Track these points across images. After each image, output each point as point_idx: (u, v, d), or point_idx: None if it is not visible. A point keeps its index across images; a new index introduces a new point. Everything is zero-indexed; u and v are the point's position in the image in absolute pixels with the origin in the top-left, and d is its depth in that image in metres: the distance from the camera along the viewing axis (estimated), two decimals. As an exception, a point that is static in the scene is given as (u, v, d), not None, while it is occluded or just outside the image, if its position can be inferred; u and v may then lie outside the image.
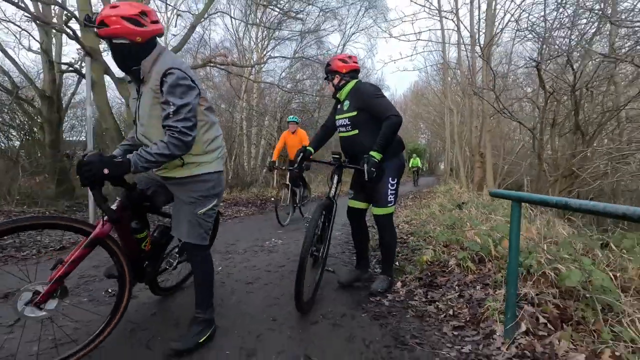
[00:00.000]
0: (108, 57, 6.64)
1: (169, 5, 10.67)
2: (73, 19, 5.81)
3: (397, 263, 3.04)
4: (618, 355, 1.45)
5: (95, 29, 1.48)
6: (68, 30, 5.77)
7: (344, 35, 17.33)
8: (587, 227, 3.51)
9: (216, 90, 16.03)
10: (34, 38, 9.44)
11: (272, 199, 7.40)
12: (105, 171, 1.42)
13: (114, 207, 1.65)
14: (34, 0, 7.49)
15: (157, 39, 1.65)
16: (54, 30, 9.89)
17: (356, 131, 2.39)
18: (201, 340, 1.71)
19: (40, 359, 1.53)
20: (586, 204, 1.36)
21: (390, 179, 2.38)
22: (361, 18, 17.26)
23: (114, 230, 1.66)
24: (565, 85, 5.39)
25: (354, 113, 2.37)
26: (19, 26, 8.03)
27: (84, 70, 8.49)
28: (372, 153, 2.18)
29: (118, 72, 7.94)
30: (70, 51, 28.97)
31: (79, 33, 6.12)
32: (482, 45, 7.16)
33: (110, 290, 2.42)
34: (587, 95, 5.32)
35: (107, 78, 7.27)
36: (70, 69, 7.08)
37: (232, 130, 13.36)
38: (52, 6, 8.88)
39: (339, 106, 2.56)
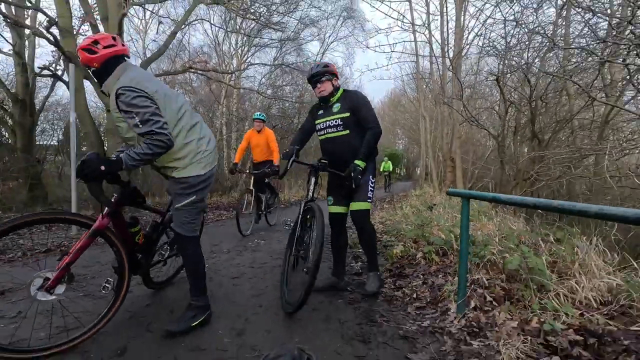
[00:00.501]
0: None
1: (151, 12, 10.65)
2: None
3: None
4: (542, 321, 1.79)
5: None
6: (48, 36, 5.79)
7: (324, 44, 17.77)
8: (543, 225, 3.95)
9: (195, 95, 16.01)
10: (7, 40, 9.20)
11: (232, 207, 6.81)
12: (102, 168, 1.67)
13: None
14: (14, 5, 7.38)
15: (126, 58, 1.90)
16: (26, 32, 9.71)
17: (347, 131, 2.50)
18: (194, 324, 1.92)
19: (52, 340, 1.70)
20: (514, 198, 1.71)
21: (371, 177, 2.53)
22: (340, 28, 17.77)
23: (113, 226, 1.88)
24: (524, 96, 5.93)
25: (347, 114, 2.49)
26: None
27: (64, 75, 8.40)
28: (357, 162, 2.35)
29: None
30: (42, 53, 27.93)
31: (59, 38, 6.15)
32: (451, 58, 7.69)
33: (106, 284, 2.57)
34: (542, 106, 5.88)
35: (86, 83, 7.27)
36: (49, 72, 6.97)
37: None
38: (26, 9, 8.77)
39: (321, 111, 2.64)
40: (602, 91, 5.75)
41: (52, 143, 15.21)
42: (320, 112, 2.66)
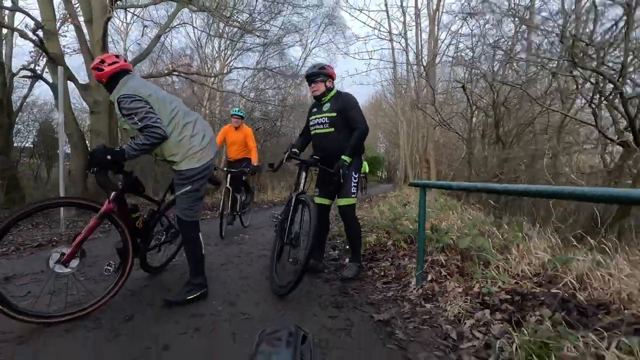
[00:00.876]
0: (70, 62, 6.74)
1: (133, 14, 10.73)
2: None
3: (347, 247, 3.69)
4: (482, 287, 2.19)
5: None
6: (34, 37, 5.89)
7: (306, 49, 18.16)
8: (513, 217, 4.42)
9: (177, 97, 16.02)
10: (-17, 40, 9.08)
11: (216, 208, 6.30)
12: (108, 157, 1.98)
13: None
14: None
15: (129, 72, 2.25)
16: (4, 32, 9.61)
17: (332, 129, 2.75)
18: (189, 297, 2.21)
19: (69, 308, 1.96)
20: (462, 184, 2.11)
21: (353, 173, 2.76)
22: (321, 34, 18.23)
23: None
24: (489, 103, 6.48)
25: (334, 114, 2.74)
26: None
27: (44, 74, 8.37)
28: (344, 157, 2.57)
29: (83, 78, 7.99)
30: (18, 52, 26.97)
31: (43, 40, 6.24)
32: (424, 66, 8.23)
33: (107, 266, 2.77)
34: (505, 112, 6.45)
35: (70, 84, 7.33)
36: (32, 74, 7.01)
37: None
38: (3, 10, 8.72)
39: (315, 109, 2.89)
40: (556, 99, 6.37)
41: (26, 145, 14.87)
42: (314, 109, 2.92)
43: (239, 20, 9.78)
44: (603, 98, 3.50)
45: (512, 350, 1.46)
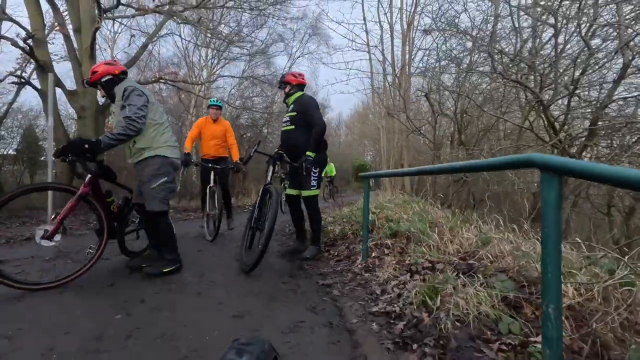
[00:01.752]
0: (58, 69, 7.04)
1: (121, 23, 11.08)
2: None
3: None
4: (412, 259, 2.63)
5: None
6: (25, 46, 6.20)
7: (291, 58, 18.74)
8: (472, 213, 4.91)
9: (164, 104, 16.31)
10: (-30, 46, 9.27)
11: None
12: (86, 146, 2.31)
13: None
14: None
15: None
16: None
17: (293, 127, 3.17)
18: (165, 270, 2.57)
19: (59, 273, 2.32)
20: (402, 170, 2.57)
21: (314, 168, 3.11)
22: (306, 44, 18.84)
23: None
24: (452, 111, 7.06)
25: (294, 114, 3.16)
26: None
27: (36, 83, 8.61)
28: (308, 153, 2.96)
29: (70, 85, 8.27)
30: (3, 60, 26.92)
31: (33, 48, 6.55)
32: (397, 76, 8.81)
33: (90, 249, 2.84)
34: (467, 118, 7.03)
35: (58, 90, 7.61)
36: (23, 80, 7.28)
37: (181, 144, 13.74)
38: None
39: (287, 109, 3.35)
40: (515, 105, 6.98)
41: (9, 152, 14.81)
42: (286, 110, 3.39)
43: (224, 32, 10.22)
44: (533, 105, 4.06)
45: (412, 295, 1.89)
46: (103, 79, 2.60)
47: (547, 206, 0.98)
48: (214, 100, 4.67)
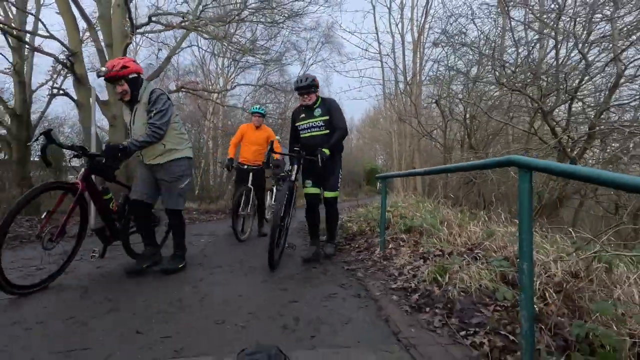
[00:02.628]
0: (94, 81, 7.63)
1: (149, 39, 11.77)
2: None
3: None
4: (425, 249, 3.00)
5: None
6: (67, 62, 6.82)
7: (304, 65, 19.28)
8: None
9: (182, 111, 17.00)
10: (8, 60, 9.92)
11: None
12: (119, 153, 2.37)
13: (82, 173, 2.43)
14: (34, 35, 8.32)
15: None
16: (25, 53, 10.58)
17: (327, 131, 3.13)
18: (180, 266, 2.77)
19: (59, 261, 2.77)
20: (413, 171, 2.95)
21: (340, 170, 3.30)
22: (318, 52, 19.37)
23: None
24: (461, 115, 7.40)
25: (327, 117, 3.14)
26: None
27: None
28: (323, 149, 2.96)
29: (102, 95, 8.91)
30: (35, 71, 28.09)
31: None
32: (408, 83, 9.18)
33: (93, 253, 2.75)
34: (476, 123, 7.35)
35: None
36: (60, 92, 7.94)
37: (199, 149, 14.36)
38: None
39: (302, 115, 3.24)
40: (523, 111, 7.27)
41: (34, 159, 15.58)
42: (302, 115, 3.25)
43: (240, 42, 10.78)
44: (536, 111, 4.39)
45: (425, 274, 2.28)
46: (131, 76, 2.57)
47: (523, 194, 1.36)
48: (256, 108, 4.70)
